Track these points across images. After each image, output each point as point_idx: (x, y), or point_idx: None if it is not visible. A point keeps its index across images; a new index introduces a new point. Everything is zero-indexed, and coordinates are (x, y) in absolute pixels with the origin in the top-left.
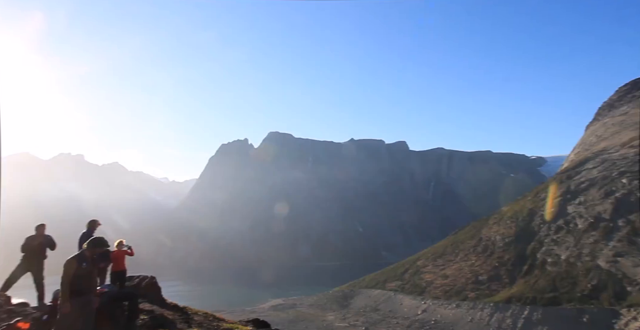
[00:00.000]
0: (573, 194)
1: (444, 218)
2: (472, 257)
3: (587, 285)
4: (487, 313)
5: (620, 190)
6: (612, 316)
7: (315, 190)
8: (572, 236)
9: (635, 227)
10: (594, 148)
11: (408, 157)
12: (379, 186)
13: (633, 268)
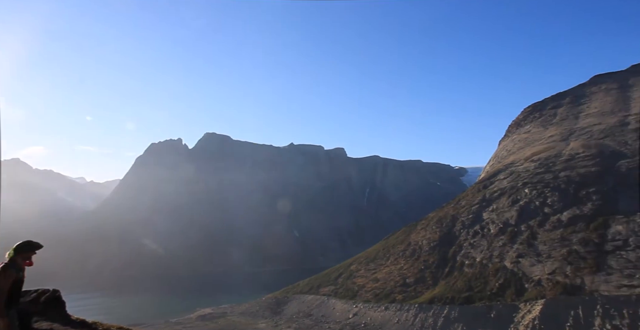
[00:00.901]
0: (487, 201)
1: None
2: (401, 260)
3: (495, 284)
4: (412, 314)
5: (524, 199)
6: (513, 311)
7: (253, 194)
8: (486, 240)
9: (534, 231)
10: (505, 161)
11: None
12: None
13: (530, 267)
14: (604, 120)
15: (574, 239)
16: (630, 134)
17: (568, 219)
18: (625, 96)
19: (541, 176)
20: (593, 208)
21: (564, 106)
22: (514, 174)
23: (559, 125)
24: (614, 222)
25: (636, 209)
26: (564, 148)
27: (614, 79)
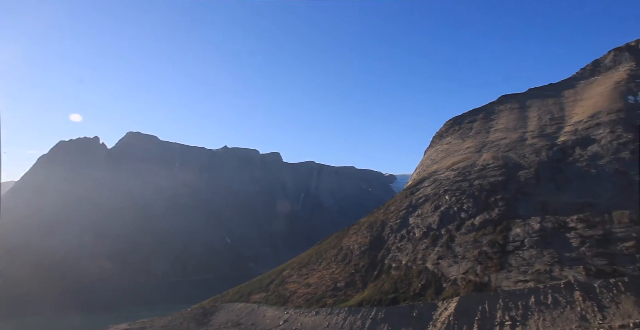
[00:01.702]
0: (414, 207)
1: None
2: (333, 265)
3: (418, 285)
4: (341, 317)
5: (444, 205)
6: (432, 309)
7: (180, 199)
8: (411, 244)
9: (452, 234)
10: (429, 169)
11: (281, 168)
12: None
13: (448, 268)
14: (508, 135)
15: (484, 241)
16: (527, 148)
17: (480, 222)
18: (524, 115)
19: (459, 184)
20: (499, 213)
21: (478, 121)
22: (436, 182)
23: (474, 138)
24: (514, 225)
25: (531, 213)
26: (477, 159)
27: (516, 100)
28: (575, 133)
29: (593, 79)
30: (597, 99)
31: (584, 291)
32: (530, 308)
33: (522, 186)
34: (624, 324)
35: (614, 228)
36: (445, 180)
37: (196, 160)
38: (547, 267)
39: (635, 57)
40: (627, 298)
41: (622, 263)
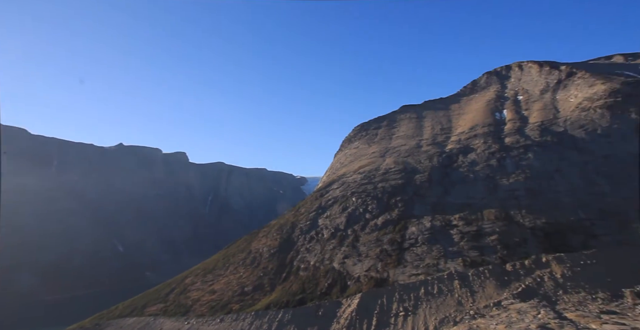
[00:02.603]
0: (323, 209)
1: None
2: (241, 269)
3: (325, 284)
4: (247, 322)
5: (351, 206)
6: (337, 306)
7: (59, 202)
8: (320, 244)
9: (357, 234)
10: (338, 172)
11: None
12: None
13: (352, 266)
14: (407, 142)
15: (385, 240)
16: (422, 155)
17: (382, 222)
18: (420, 124)
19: (365, 186)
20: (398, 213)
21: (382, 128)
22: (345, 184)
23: (379, 144)
24: (410, 224)
25: (424, 213)
26: (381, 163)
27: (414, 110)
28: (459, 142)
29: (472, 96)
30: (475, 113)
31: (461, 280)
32: (420, 298)
33: (418, 189)
34: (487, 304)
35: (484, 224)
36: (353, 183)
37: (82, 158)
38: (435, 261)
39: (500, 80)
40: (490, 283)
41: (488, 253)
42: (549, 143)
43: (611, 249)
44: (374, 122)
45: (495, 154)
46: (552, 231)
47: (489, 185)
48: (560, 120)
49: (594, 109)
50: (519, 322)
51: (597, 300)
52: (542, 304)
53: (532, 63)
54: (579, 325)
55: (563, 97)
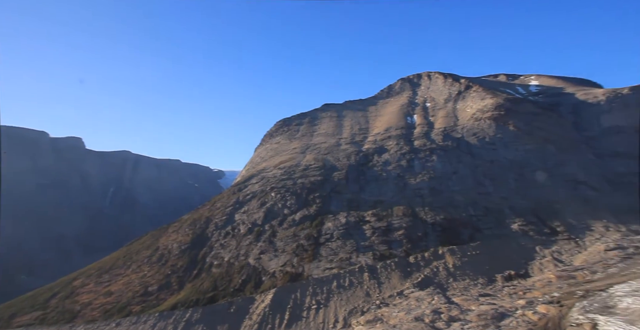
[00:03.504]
0: (241, 203)
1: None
2: (145, 267)
3: (238, 280)
4: (150, 325)
5: (270, 202)
6: (250, 302)
7: None
8: (235, 240)
9: (275, 230)
10: (258, 167)
11: (83, 157)
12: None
13: (268, 261)
14: (327, 140)
15: (301, 235)
16: (341, 153)
17: (299, 218)
18: (340, 123)
19: (284, 182)
20: (316, 209)
21: (304, 124)
22: (264, 179)
23: (300, 140)
24: (327, 220)
25: (340, 209)
26: (302, 159)
27: (335, 109)
28: (375, 143)
29: (388, 99)
30: (390, 116)
31: (370, 272)
32: (333, 291)
33: (335, 186)
34: (392, 294)
35: (393, 220)
36: (273, 178)
37: None
38: (348, 255)
39: (412, 87)
40: (396, 274)
41: (395, 247)
42: (450, 147)
43: (490, 241)
44: (296, 118)
45: (406, 155)
46: (448, 226)
47: (399, 184)
48: (458, 128)
49: (484, 119)
50: (416, 308)
51: (477, 286)
52: (436, 291)
53: (439, 74)
54: (463, 307)
55: (461, 107)
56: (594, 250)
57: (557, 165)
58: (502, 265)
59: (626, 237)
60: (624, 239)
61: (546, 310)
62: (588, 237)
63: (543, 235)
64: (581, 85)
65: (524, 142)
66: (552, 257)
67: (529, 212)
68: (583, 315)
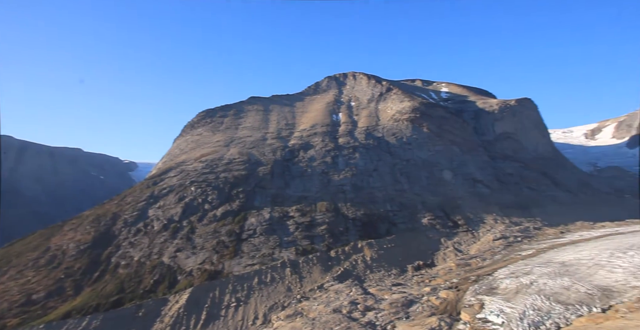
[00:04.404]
0: (155, 198)
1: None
2: (29, 272)
3: (150, 281)
4: None
5: (189, 196)
6: (162, 304)
7: None
8: (148, 237)
9: (194, 226)
10: (177, 159)
11: None
12: None
13: (185, 260)
14: (253, 134)
15: (223, 231)
16: (267, 147)
17: (221, 213)
18: (267, 118)
19: (206, 176)
20: (239, 204)
21: (229, 117)
22: (183, 173)
23: (224, 133)
24: (250, 215)
25: (264, 205)
26: (225, 153)
27: (262, 103)
28: (301, 138)
29: (315, 96)
30: (316, 113)
31: (292, 267)
32: (253, 288)
33: (260, 181)
34: (312, 288)
35: (316, 215)
36: (193, 171)
37: None
38: (270, 251)
39: (339, 86)
40: (317, 268)
41: (317, 242)
42: (371, 146)
43: (404, 234)
44: (220, 110)
45: (331, 152)
46: (367, 221)
47: (324, 180)
48: (380, 127)
49: (402, 121)
50: (335, 300)
51: (391, 276)
52: (354, 283)
53: (363, 75)
54: (377, 297)
55: (383, 107)
56: (485, 240)
57: (460, 165)
58: (413, 256)
59: (509, 228)
60: (507, 230)
61: (446, 295)
62: (481, 229)
63: (447, 228)
64: (480, 95)
65: (435, 144)
66: (453, 247)
67: (437, 207)
68: (474, 297)
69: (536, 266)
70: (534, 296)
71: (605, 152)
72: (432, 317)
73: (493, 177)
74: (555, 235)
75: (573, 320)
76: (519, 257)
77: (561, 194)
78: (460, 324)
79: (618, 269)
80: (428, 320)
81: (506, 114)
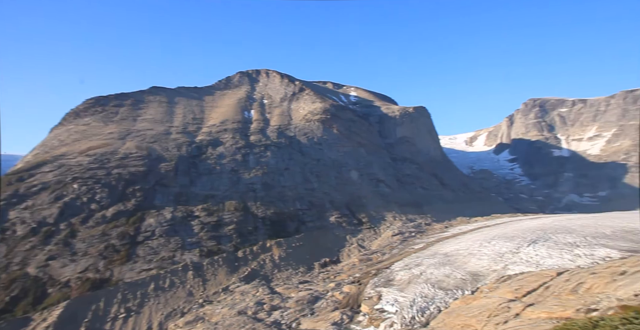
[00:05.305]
0: (21, 197)
1: None
2: None
3: (4, 298)
4: None
5: (70, 195)
6: (23, 325)
7: None
8: (6, 245)
9: (74, 229)
10: (54, 152)
11: None
12: None
13: (60, 269)
14: (155, 127)
15: (113, 234)
16: (171, 142)
17: (112, 214)
18: (172, 110)
19: (94, 172)
20: (135, 204)
21: (126, 107)
22: (63, 167)
23: (119, 124)
24: (148, 215)
25: (166, 204)
26: (120, 146)
27: (166, 94)
28: (210, 134)
29: (226, 91)
30: (227, 109)
31: (195, 270)
32: (148, 295)
33: (162, 178)
34: (217, 291)
35: (224, 215)
36: (77, 166)
37: None
38: (171, 253)
39: (251, 82)
40: (223, 270)
41: (224, 242)
42: (283, 145)
43: (312, 232)
44: (115, 99)
45: (241, 149)
46: (277, 220)
47: (233, 178)
48: (292, 127)
49: (314, 121)
50: (240, 302)
51: (298, 274)
52: (261, 283)
53: (276, 73)
54: (284, 296)
55: (295, 107)
56: (385, 236)
57: (366, 166)
58: (320, 253)
59: (405, 225)
60: (403, 226)
61: (349, 289)
62: (382, 225)
63: (352, 225)
64: (384, 101)
65: (344, 145)
66: (357, 244)
67: (343, 206)
68: (373, 290)
69: (425, 258)
70: (422, 285)
71: (479, 157)
72: (335, 311)
73: (394, 178)
74: (441, 229)
75: (450, 303)
76: (412, 250)
77: (447, 193)
78: (360, 316)
79: (484, 257)
80: (331, 315)
81: (405, 119)
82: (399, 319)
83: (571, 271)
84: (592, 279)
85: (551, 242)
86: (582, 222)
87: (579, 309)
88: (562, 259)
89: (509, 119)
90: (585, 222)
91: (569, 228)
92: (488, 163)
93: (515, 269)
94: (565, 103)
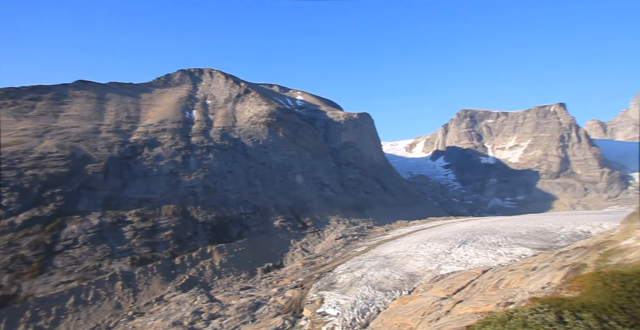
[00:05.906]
0: None
1: None
2: None
3: None
4: None
5: None
6: None
7: None
8: None
9: None
10: None
11: None
12: None
13: None
14: (81, 125)
15: (24, 243)
16: (100, 142)
17: (24, 221)
18: (101, 107)
19: (2, 173)
20: (55, 209)
21: (44, 101)
22: None
23: (36, 120)
24: (70, 222)
25: (92, 209)
26: (36, 145)
27: (95, 89)
28: (146, 134)
29: (165, 89)
30: (166, 108)
31: (125, 280)
32: (66, 311)
33: (89, 180)
34: (149, 301)
35: (160, 220)
36: None
37: None
38: (96, 263)
39: (193, 81)
40: (157, 279)
41: (160, 249)
42: (227, 147)
43: (256, 237)
44: (30, 92)
45: (181, 151)
46: (219, 224)
47: (172, 181)
48: (236, 129)
49: (259, 124)
50: (176, 312)
51: (240, 280)
52: (200, 291)
53: (221, 73)
54: (224, 303)
55: (240, 109)
56: (329, 239)
57: (311, 170)
58: (263, 258)
59: (348, 228)
60: (347, 229)
61: (292, 294)
62: (326, 229)
63: (297, 229)
64: (330, 106)
65: (289, 148)
66: (301, 248)
67: (288, 210)
68: (316, 293)
69: (367, 260)
70: (363, 287)
71: (418, 163)
72: (277, 317)
73: (338, 182)
74: (382, 232)
75: (389, 303)
76: (355, 253)
77: (388, 197)
78: (302, 320)
79: (421, 258)
80: (273, 321)
81: (350, 125)
82: (340, 322)
83: (494, 269)
84: (510, 275)
85: (478, 243)
86: (504, 224)
87: (499, 303)
88: (487, 258)
89: (444, 128)
90: (506, 223)
91: (493, 229)
92: (425, 169)
93: (448, 269)
94: (491, 115)
